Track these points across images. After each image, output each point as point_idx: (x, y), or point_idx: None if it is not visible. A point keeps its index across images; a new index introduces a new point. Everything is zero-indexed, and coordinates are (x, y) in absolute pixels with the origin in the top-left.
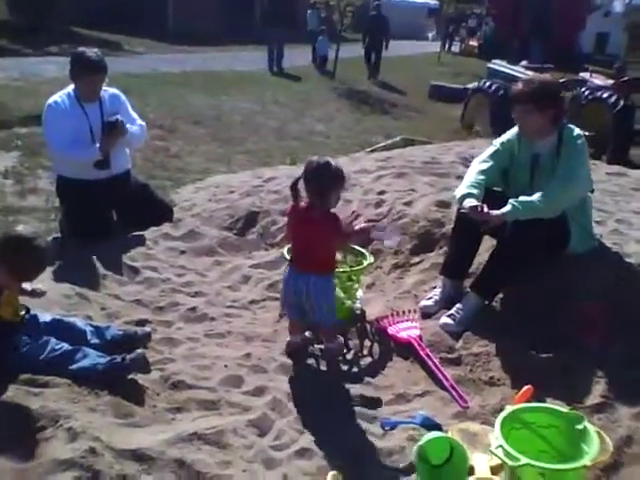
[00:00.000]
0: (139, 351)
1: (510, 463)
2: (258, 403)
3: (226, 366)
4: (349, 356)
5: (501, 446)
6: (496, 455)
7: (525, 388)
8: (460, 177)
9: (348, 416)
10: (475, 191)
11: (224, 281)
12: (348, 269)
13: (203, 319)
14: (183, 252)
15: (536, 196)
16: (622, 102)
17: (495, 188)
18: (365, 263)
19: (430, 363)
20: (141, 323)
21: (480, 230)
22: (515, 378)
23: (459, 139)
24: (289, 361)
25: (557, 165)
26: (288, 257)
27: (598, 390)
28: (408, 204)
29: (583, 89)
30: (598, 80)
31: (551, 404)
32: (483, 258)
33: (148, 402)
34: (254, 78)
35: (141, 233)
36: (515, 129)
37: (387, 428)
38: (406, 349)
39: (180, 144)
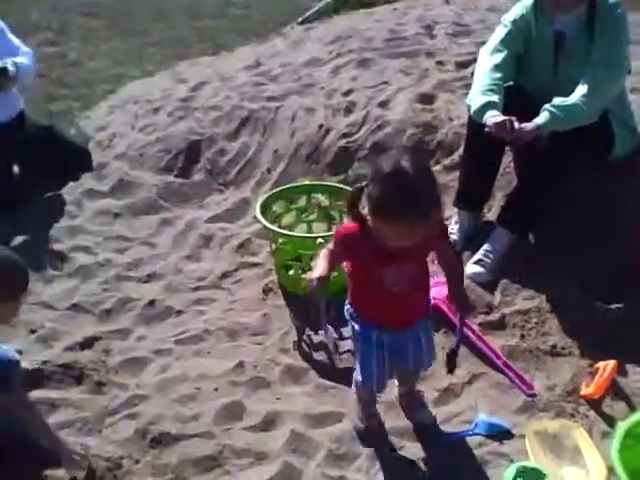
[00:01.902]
0: None
1: None
2: (273, 446)
3: (216, 390)
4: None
5: None
6: None
7: (610, 365)
8: (431, 54)
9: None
10: (495, 97)
11: (180, 249)
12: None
13: (167, 315)
14: (117, 215)
15: (576, 96)
16: None
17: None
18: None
19: (471, 335)
20: (88, 343)
21: (506, 148)
22: (584, 342)
23: None
24: (293, 361)
25: (590, 46)
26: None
27: None
28: (385, 105)
29: None
30: None
31: None
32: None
33: None
34: None
35: (56, 194)
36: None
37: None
38: (433, 314)
39: (76, 46)
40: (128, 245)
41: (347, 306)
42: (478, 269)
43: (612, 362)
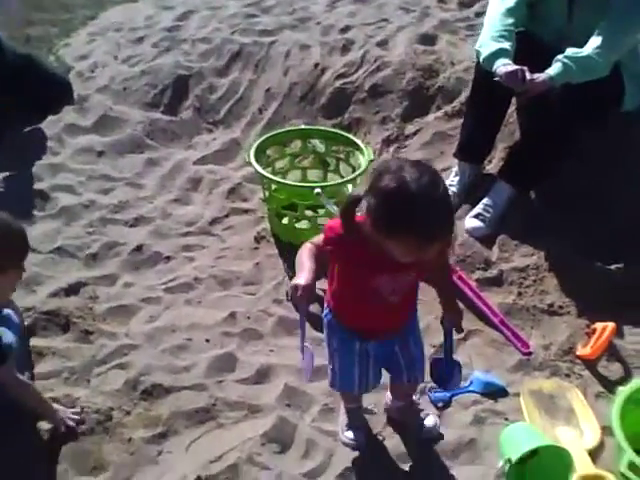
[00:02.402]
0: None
1: None
2: (266, 399)
3: (208, 341)
4: None
5: (631, 462)
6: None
7: (609, 327)
8: None
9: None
10: (507, 44)
11: (167, 192)
12: (345, 176)
13: (156, 262)
14: (101, 153)
15: (590, 47)
16: None
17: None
18: (363, 160)
19: (467, 291)
20: (74, 289)
21: (515, 99)
22: (581, 302)
23: None
24: (286, 313)
25: None
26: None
27: None
28: (384, 45)
29: None
30: None
31: None
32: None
33: (118, 434)
34: None
35: (36, 128)
36: None
37: (440, 405)
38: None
39: None
40: (113, 185)
41: (326, 311)
42: (477, 223)
43: (611, 324)
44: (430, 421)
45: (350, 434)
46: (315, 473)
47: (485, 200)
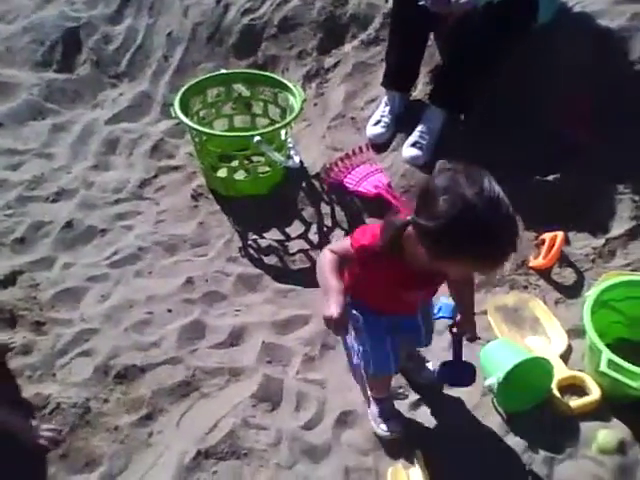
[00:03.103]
0: None
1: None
2: (246, 360)
3: (170, 311)
4: (313, 235)
5: (610, 360)
6: (611, 376)
7: (559, 236)
8: None
9: None
10: None
11: (83, 158)
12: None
13: (91, 236)
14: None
15: None
16: None
17: None
18: (295, 101)
19: None
20: (10, 279)
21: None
22: (526, 216)
23: None
24: (244, 269)
25: None
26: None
27: (624, 211)
28: None
29: None
30: None
31: (631, 274)
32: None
33: (102, 424)
34: None
35: None
36: None
37: None
38: (377, 205)
39: None
40: (21, 159)
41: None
42: (415, 152)
43: (560, 233)
44: (429, 367)
45: (384, 426)
46: (313, 423)
47: (420, 127)
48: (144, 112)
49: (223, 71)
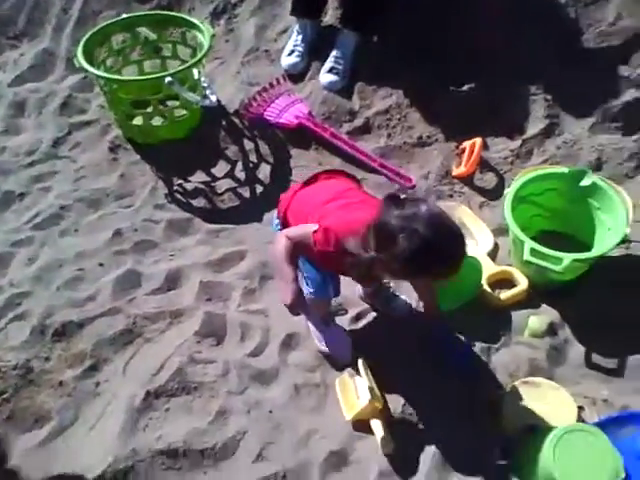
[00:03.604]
0: None
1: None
2: (185, 302)
3: (102, 265)
4: (239, 172)
5: (532, 248)
6: (535, 263)
7: (477, 143)
8: None
9: None
10: None
11: None
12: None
13: (9, 202)
14: None
15: None
16: None
17: None
18: (203, 38)
19: (343, 145)
20: None
21: None
22: (445, 128)
23: None
24: (172, 215)
25: None
26: None
27: (538, 111)
28: None
29: None
30: None
31: (546, 167)
32: None
33: (46, 381)
34: None
35: None
36: None
37: None
38: (300, 135)
39: None
40: None
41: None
42: (332, 77)
43: (477, 139)
44: (400, 300)
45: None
46: (259, 350)
47: (334, 53)
48: (48, 70)
49: (124, 15)
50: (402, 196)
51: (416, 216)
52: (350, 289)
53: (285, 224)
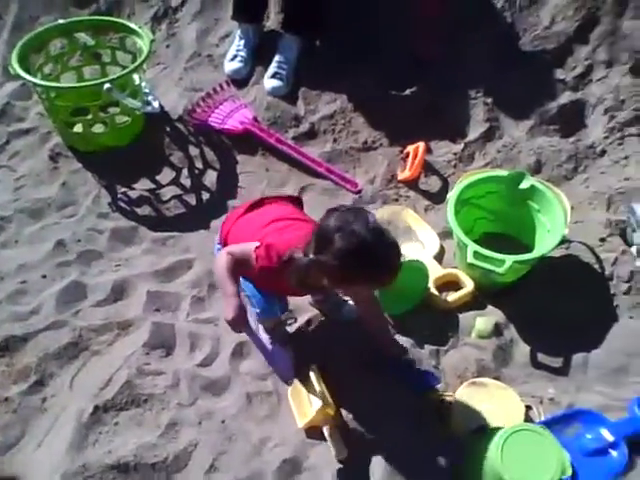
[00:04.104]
0: None
1: (497, 269)
2: (133, 312)
3: (45, 277)
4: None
5: (475, 251)
6: (478, 266)
7: (420, 147)
8: None
9: None
10: None
11: None
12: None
13: None
14: None
15: None
16: None
17: None
18: (143, 43)
19: (289, 151)
20: None
21: None
22: (390, 132)
23: None
24: (116, 223)
25: None
26: None
27: (478, 114)
28: None
29: None
30: None
31: (487, 170)
32: None
33: None
34: None
35: None
36: None
37: None
38: (246, 140)
39: None
40: None
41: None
42: (276, 82)
43: (421, 144)
44: (349, 306)
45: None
46: (209, 360)
47: (277, 58)
48: None
49: (61, 21)
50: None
51: (354, 217)
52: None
53: None
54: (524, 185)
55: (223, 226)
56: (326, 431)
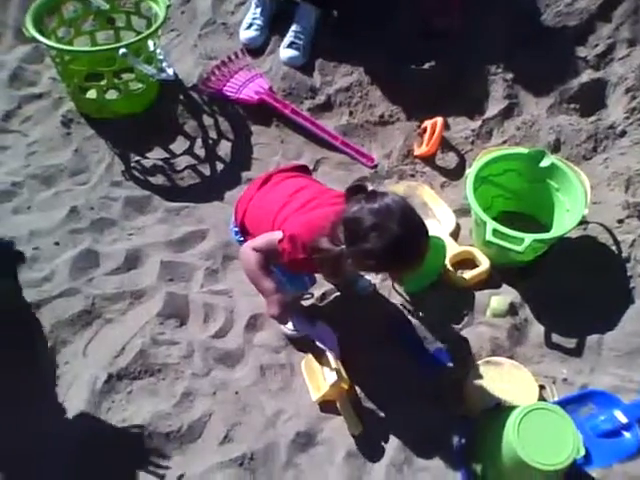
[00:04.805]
0: None
1: (516, 248)
2: (147, 282)
3: (57, 244)
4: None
5: (494, 229)
6: (497, 244)
7: (438, 122)
8: None
9: None
10: None
11: None
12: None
13: None
14: None
15: None
16: None
17: None
18: (158, 8)
19: (304, 123)
20: None
21: None
22: (407, 106)
23: None
24: (131, 192)
25: None
26: None
27: (497, 91)
28: None
29: None
30: None
31: (506, 148)
32: None
33: None
34: None
35: None
36: None
37: None
38: (261, 111)
39: None
40: None
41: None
42: (293, 52)
43: (439, 119)
44: (365, 281)
45: (291, 326)
46: (223, 331)
47: (294, 27)
48: None
49: None
50: (369, 188)
51: (388, 213)
52: None
53: (243, 231)
54: (544, 163)
55: (238, 206)
56: (340, 405)
